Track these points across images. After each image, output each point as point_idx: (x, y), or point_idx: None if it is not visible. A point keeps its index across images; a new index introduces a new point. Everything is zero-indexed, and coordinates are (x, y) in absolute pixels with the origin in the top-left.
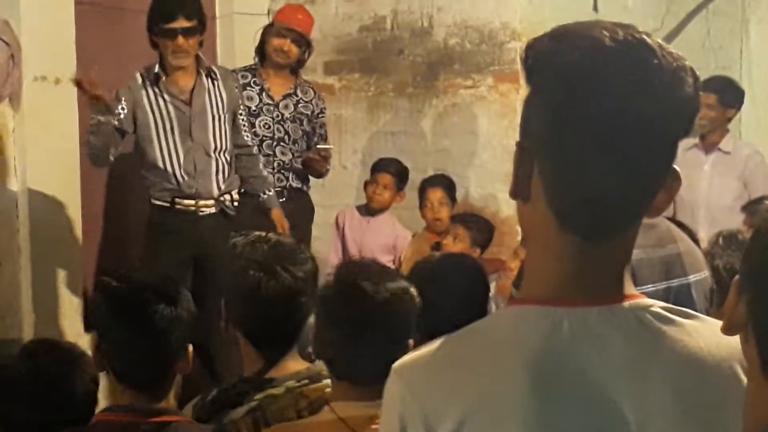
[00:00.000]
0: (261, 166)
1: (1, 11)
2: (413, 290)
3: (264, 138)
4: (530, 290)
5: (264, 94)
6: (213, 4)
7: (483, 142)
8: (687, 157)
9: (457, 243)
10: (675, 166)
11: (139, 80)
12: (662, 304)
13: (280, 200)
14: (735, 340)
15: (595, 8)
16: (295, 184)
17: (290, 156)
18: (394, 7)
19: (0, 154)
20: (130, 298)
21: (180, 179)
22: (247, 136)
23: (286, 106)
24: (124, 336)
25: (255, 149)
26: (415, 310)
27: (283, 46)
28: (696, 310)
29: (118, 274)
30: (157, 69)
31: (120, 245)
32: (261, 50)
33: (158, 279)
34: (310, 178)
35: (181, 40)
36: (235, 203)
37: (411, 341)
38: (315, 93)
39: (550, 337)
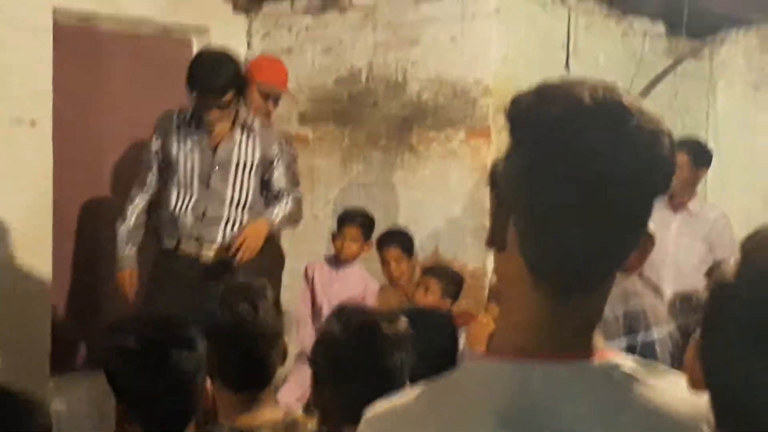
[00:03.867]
0: (281, 207)
1: None
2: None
3: None
4: (502, 342)
5: None
6: (191, 52)
7: (454, 196)
8: (655, 215)
9: (428, 295)
10: (650, 227)
11: (174, 121)
12: (631, 359)
13: None
14: (702, 400)
15: (567, 66)
16: None
17: None
18: (370, 60)
19: None
20: (150, 350)
21: (186, 223)
22: (278, 187)
23: None
24: (150, 389)
25: (283, 196)
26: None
27: (268, 107)
28: None
29: (128, 324)
30: (189, 115)
31: (90, 288)
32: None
33: (171, 322)
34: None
35: (215, 113)
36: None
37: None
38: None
39: (521, 392)
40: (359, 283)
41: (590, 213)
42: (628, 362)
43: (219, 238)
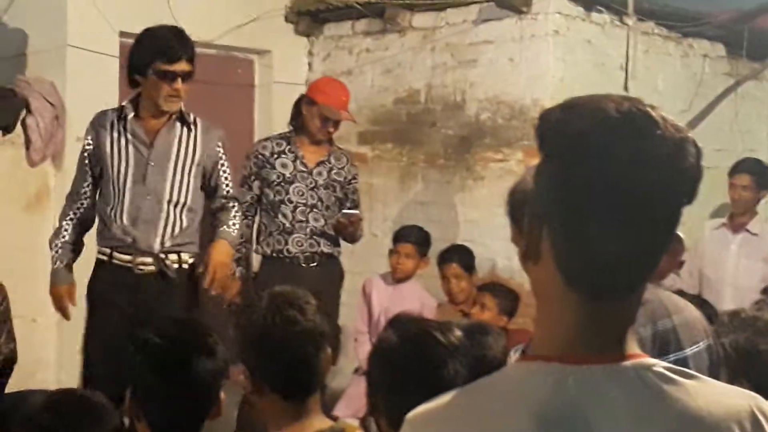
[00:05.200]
0: (236, 219)
1: (47, 73)
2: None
3: (297, 204)
4: (538, 348)
5: (298, 161)
6: (252, 72)
7: None
8: (715, 236)
9: (484, 312)
10: (679, 233)
11: (109, 117)
12: (664, 364)
13: (311, 265)
14: (734, 402)
15: (626, 88)
16: (327, 249)
17: (323, 222)
18: (429, 81)
19: (40, 212)
20: (172, 356)
21: (119, 225)
22: (227, 193)
23: (320, 173)
24: (166, 392)
25: (233, 205)
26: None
27: (329, 128)
28: None
29: (155, 329)
30: (126, 104)
31: None
32: (296, 119)
33: (194, 331)
34: (342, 243)
35: (178, 84)
36: (184, 266)
37: None
38: (348, 160)
39: (556, 393)
40: (416, 299)
41: (619, 222)
42: (661, 365)
43: (156, 246)
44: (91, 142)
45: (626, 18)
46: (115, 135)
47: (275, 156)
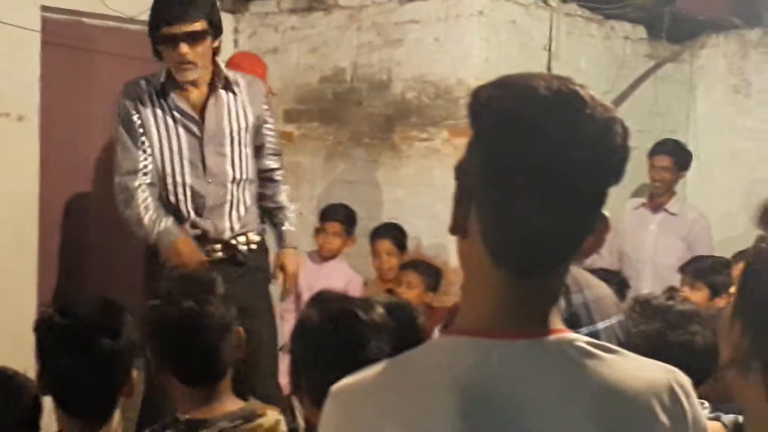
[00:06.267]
0: (284, 195)
1: None
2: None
3: None
4: (463, 322)
5: None
6: None
7: (436, 194)
8: (634, 216)
9: (411, 290)
10: (605, 212)
11: (145, 91)
12: (586, 338)
13: None
14: (653, 375)
15: (549, 69)
16: None
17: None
18: (354, 60)
19: None
20: (72, 332)
21: (186, 218)
22: (273, 158)
23: None
24: (67, 368)
25: (280, 174)
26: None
27: None
28: None
29: (60, 307)
30: (163, 78)
31: (76, 282)
32: None
33: (102, 310)
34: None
35: (184, 48)
36: (252, 247)
37: None
38: None
39: (479, 367)
40: (342, 277)
41: (546, 200)
42: (582, 339)
43: (227, 233)
44: (135, 113)
45: None
46: (159, 112)
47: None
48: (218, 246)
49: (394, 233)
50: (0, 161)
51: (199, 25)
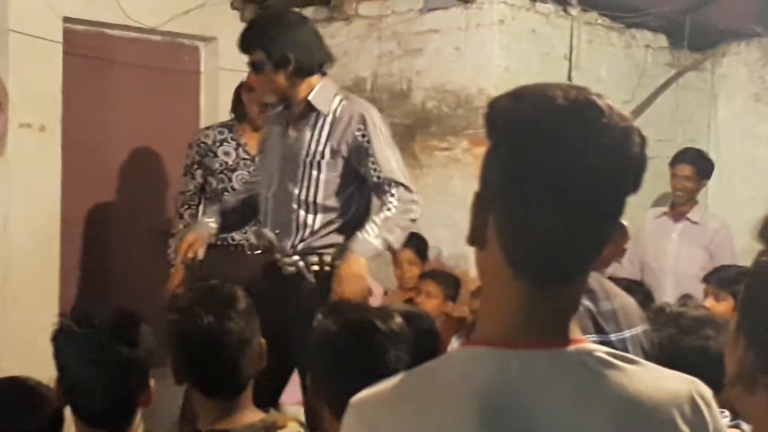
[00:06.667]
0: (386, 212)
1: None
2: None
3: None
4: (482, 332)
5: (241, 149)
6: (198, 59)
7: (456, 203)
8: (656, 224)
9: (431, 299)
10: (623, 221)
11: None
12: (606, 349)
13: (256, 252)
14: (674, 386)
15: (570, 78)
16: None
17: None
18: (375, 70)
19: None
20: (89, 342)
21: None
22: (377, 179)
23: None
24: (85, 378)
25: (389, 190)
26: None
27: (268, 112)
28: None
29: (77, 316)
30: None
31: (98, 292)
32: (237, 107)
33: (118, 319)
34: None
35: (252, 76)
36: (325, 268)
37: None
38: None
39: (499, 378)
40: None
41: (564, 209)
42: (602, 349)
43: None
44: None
45: (570, 8)
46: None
47: (217, 144)
48: (287, 260)
49: (416, 242)
50: (23, 171)
51: (255, 56)
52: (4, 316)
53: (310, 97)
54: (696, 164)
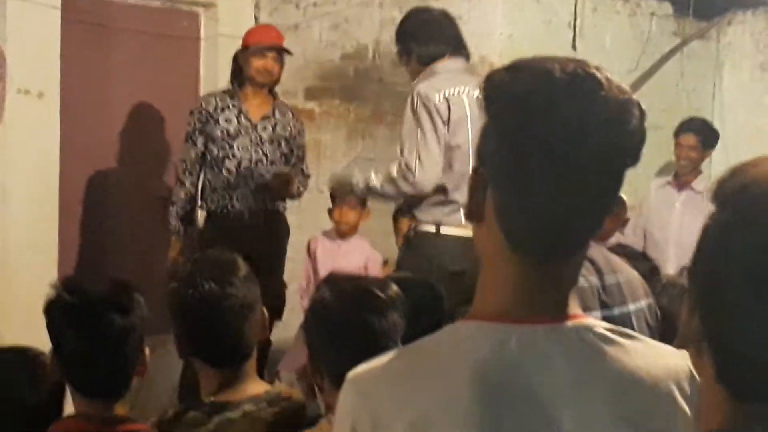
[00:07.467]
0: None
1: None
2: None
3: (242, 160)
4: (480, 307)
5: (242, 116)
6: (198, 25)
7: None
8: (659, 194)
9: None
10: (621, 195)
11: None
12: (605, 324)
13: (256, 221)
14: (672, 361)
15: (574, 47)
16: (271, 205)
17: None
18: (377, 37)
19: None
20: (83, 310)
21: None
22: None
23: (264, 128)
24: (79, 347)
25: None
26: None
27: (266, 66)
28: None
29: (70, 285)
30: None
31: (97, 257)
32: (237, 74)
33: (111, 288)
34: (287, 199)
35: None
36: None
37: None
38: (293, 114)
39: (497, 353)
40: (361, 256)
41: (562, 184)
42: (601, 325)
43: None
44: None
45: None
46: None
47: (219, 111)
48: None
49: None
50: (21, 138)
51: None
52: (3, 284)
53: None
54: (700, 134)
